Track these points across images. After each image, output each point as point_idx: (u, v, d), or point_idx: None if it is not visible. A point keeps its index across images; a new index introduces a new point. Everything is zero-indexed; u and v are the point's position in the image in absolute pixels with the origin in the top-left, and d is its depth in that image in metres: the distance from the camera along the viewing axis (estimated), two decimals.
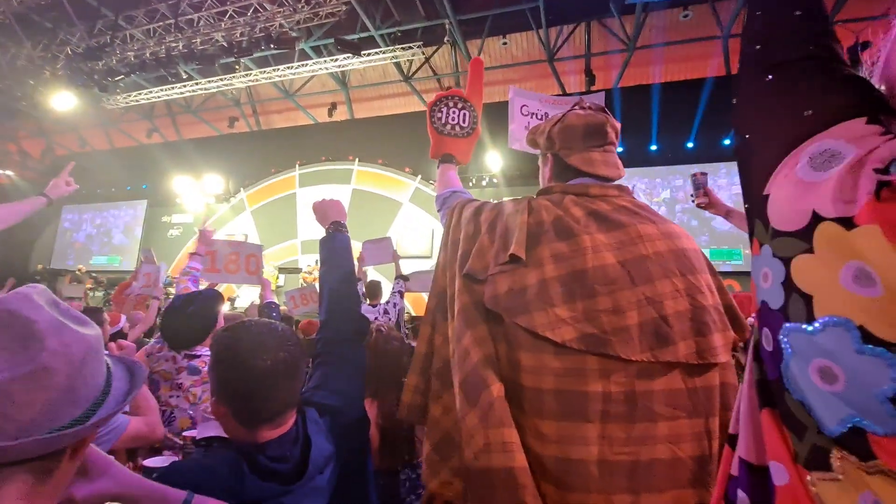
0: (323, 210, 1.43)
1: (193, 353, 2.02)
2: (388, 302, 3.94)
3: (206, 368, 1.98)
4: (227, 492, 0.80)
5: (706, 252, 10.07)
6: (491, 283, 0.92)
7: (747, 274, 0.84)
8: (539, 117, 1.84)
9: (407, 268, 13.93)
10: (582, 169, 1.04)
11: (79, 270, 11.31)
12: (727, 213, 1.95)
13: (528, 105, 1.86)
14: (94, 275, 11.56)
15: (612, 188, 1.02)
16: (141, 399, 1.53)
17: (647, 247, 0.89)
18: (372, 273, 5.60)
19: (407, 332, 4.09)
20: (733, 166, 10.85)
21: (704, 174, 2.00)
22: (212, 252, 2.40)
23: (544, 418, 0.83)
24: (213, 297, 2.07)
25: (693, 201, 2.00)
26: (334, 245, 1.34)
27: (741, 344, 0.97)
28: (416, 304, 11.34)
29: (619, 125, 1.11)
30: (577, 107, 1.12)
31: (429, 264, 12.32)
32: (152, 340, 2.27)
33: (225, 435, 0.95)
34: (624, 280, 0.85)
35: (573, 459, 0.80)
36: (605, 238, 0.89)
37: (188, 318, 1.93)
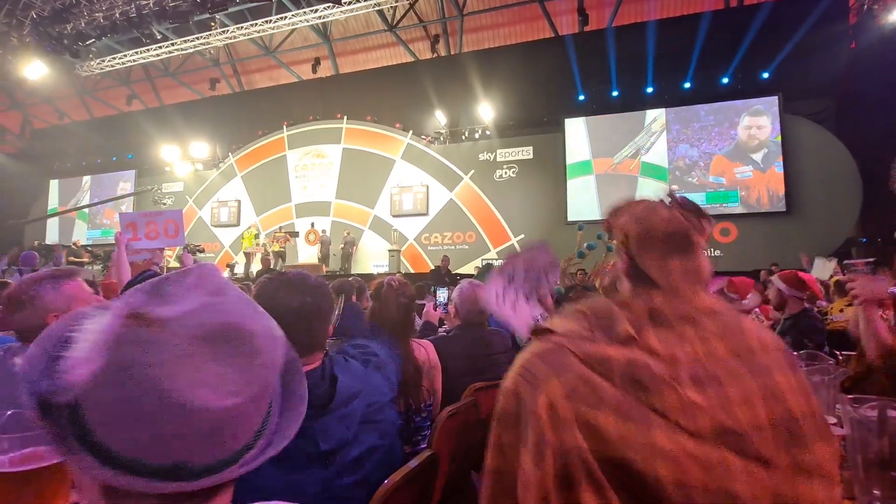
0: None
1: None
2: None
3: None
4: None
5: (702, 197, 9.96)
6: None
7: (742, 216, 0.80)
8: None
9: (401, 225, 13.67)
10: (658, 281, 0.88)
11: (74, 245, 11.26)
12: None
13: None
14: (89, 248, 11.51)
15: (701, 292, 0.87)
16: None
17: (753, 338, 0.79)
18: None
19: None
20: (731, 106, 10.44)
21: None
22: (132, 224, 2.83)
23: None
24: None
25: None
26: None
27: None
28: None
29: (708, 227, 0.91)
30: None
31: (424, 222, 12.30)
32: None
33: None
34: (741, 370, 0.75)
35: None
36: (708, 324, 0.78)
37: None
